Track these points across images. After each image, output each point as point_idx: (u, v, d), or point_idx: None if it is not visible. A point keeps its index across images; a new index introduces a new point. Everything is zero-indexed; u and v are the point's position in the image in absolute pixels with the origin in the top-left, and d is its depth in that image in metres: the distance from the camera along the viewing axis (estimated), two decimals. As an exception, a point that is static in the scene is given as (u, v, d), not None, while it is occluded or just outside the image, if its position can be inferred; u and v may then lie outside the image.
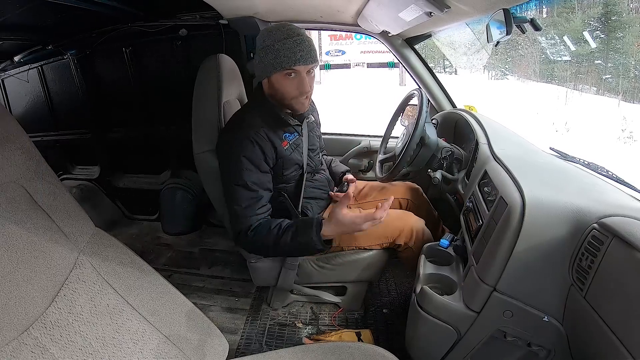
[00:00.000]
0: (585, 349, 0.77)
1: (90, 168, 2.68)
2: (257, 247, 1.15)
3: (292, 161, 1.22)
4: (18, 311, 0.76)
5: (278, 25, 1.10)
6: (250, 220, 1.12)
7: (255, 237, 1.11)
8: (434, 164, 1.40)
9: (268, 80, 1.13)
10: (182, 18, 2.00)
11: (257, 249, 1.19)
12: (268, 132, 1.15)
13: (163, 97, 2.28)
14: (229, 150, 1.15)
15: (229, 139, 1.17)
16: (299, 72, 1.08)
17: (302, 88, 1.10)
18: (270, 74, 1.10)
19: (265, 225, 1.12)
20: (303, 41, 1.05)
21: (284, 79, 1.09)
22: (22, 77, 2.49)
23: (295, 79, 1.09)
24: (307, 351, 0.93)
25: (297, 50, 1.04)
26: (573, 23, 6.07)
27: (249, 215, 1.12)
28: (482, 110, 1.67)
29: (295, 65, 1.05)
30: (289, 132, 1.22)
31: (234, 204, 1.13)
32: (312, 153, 1.35)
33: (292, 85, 1.10)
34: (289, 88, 1.10)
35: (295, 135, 1.24)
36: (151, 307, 0.97)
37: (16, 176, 0.88)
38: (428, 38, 1.80)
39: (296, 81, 1.09)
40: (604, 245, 0.70)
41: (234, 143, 1.13)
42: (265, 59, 1.07)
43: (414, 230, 1.32)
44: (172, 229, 2.37)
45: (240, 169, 1.11)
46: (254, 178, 1.12)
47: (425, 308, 0.98)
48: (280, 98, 1.14)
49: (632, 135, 5.85)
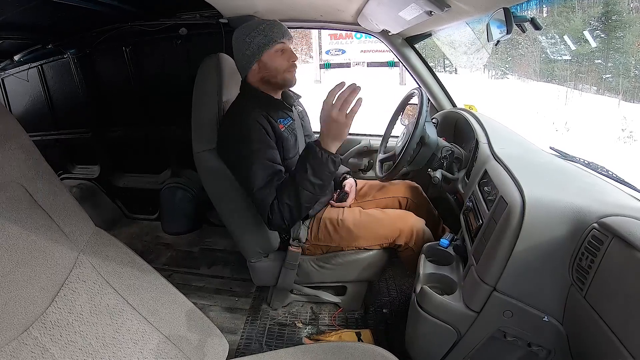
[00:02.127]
0: (585, 349, 0.77)
1: (90, 167, 2.68)
2: (286, 210, 1.11)
3: (291, 144, 1.26)
4: (18, 311, 0.76)
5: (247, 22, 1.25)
6: (270, 196, 1.12)
7: (279, 203, 1.11)
8: (434, 163, 1.40)
9: (258, 63, 1.22)
10: (182, 17, 2.00)
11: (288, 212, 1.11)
12: (265, 114, 1.20)
13: (163, 96, 2.27)
14: (235, 137, 1.17)
15: (232, 127, 1.20)
16: (286, 45, 1.23)
17: (292, 57, 1.24)
18: (261, 54, 1.20)
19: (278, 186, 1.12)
20: (276, 22, 1.23)
21: (275, 55, 1.22)
22: (22, 76, 2.49)
23: (285, 53, 1.23)
24: (307, 351, 0.93)
25: (278, 28, 1.21)
26: (573, 22, 6.06)
27: (268, 192, 1.12)
28: (482, 110, 1.67)
29: (284, 38, 1.22)
30: (283, 117, 1.28)
31: (251, 187, 1.13)
32: (308, 139, 1.39)
33: (283, 58, 1.22)
34: (281, 61, 1.22)
35: (290, 120, 1.30)
36: (151, 306, 0.97)
37: (16, 175, 0.88)
38: (428, 37, 1.80)
39: (286, 54, 1.23)
40: (604, 245, 0.69)
41: (239, 129, 1.17)
42: (252, 43, 1.19)
43: (414, 230, 1.32)
44: (172, 228, 2.38)
45: (251, 151, 1.14)
46: (267, 155, 1.15)
47: (425, 308, 0.98)
48: (274, 75, 1.23)
49: (632, 135, 5.84)
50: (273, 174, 1.14)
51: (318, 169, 1.06)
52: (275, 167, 1.16)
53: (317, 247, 1.39)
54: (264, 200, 1.12)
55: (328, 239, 1.36)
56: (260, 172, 1.13)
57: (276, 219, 1.13)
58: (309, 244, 1.38)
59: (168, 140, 2.38)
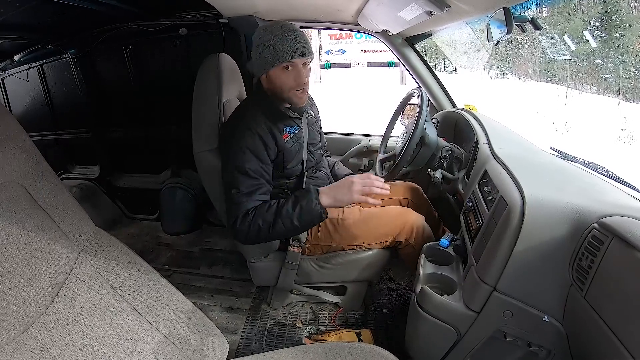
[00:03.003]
0: (585, 349, 0.77)
1: (90, 167, 2.68)
2: (255, 228, 1.10)
3: (293, 154, 1.24)
4: (18, 311, 0.76)
5: (273, 22, 1.13)
6: (248, 204, 1.11)
7: (254, 217, 1.09)
8: (434, 164, 1.40)
9: (266, 76, 1.16)
10: (182, 17, 2.00)
11: (255, 231, 1.10)
12: (269, 124, 1.17)
13: (163, 96, 2.27)
14: (230, 141, 1.16)
15: (231, 130, 1.19)
16: (295, 65, 1.12)
17: (299, 80, 1.14)
18: (268, 69, 1.13)
19: (264, 204, 1.12)
20: (298, 35, 1.10)
21: (282, 72, 1.13)
22: (22, 76, 2.49)
23: (292, 72, 1.13)
24: (307, 351, 0.93)
25: (292, 44, 1.09)
26: (573, 22, 6.06)
27: (249, 200, 1.11)
28: (482, 110, 1.67)
29: (292, 59, 1.10)
30: (290, 125, 1.24)
31: (233, 189, 1.12)
32: (313, 148, 1.36)
33: (289, 77, 1.13)
34: (287, 80, 1.14)
35: (296, 129, 1.26)
36: (151, 306, 0.97)
37: (16, 175, 0.88)
38: (428, 37, 1.80)
39: (293, 73, 1.13)
40: (604, 245, 0.69)
41: (235, 134, 1.15)
42: (262, 54, 1.11)
43: (414, 226, 1.33)
44: (172, 228, 2.38)
45: (241, 158, 1.12)
46: (255, 167, 1.14)
47: (425, 308, 0.98)
48: (278, 91, 1.17)
49: (632, 135, 5.84)
50: (257, 185, 1.13)
51: (305, 215, 1.09)
52: (260, 180, 1.15)
53: (317, 247, 1.39)
54: (240, 205, 1.11)
55: (328, 238, 1.36)
56: (245, 180, 1.12)
57: (241, 229, 1.10)
58: (309, 244, 1.38)
59: (168, 140, 2.38)
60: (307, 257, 1.40)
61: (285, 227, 1.09)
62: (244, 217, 1.10)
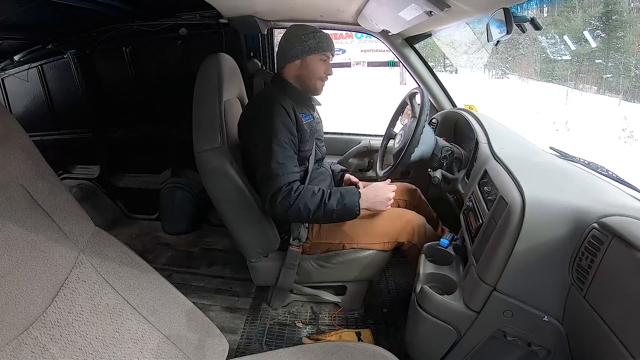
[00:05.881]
0: (585, 349, 0.77)
1: (90, 167, 2.68)
2: (295, 209, 1.17)
3: (307, 137, 1.30)
4: (18, 311, 0.76)
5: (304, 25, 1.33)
6: (287, 177, 1.19)
7: (298, 199, 1.17)
8: (434, 163, 1.40)
9: (301, 61, 1.30)
10: (182, 17, 2.00)
11: (295, 212, 1.18)
12: (292, 104, 1.28)
13: (163, 96, 2.27)
14: (258, 118, 1.24)
15: (256, 111, 1.29)
16: (328, 59, 1.33)
17: (328, 72, 1.34)
18: (307, 55, 1.29)
19: (309, 189, 1.20)
20: (330, 37, 1.32)
21: (318, 61, 1.31)
22: (22, 76, 2.49)
23: (325, 64, 1.33)
24: (307, 351, 0.93)
25: (330, 41, 1.31)
26: (573, 22, 6.06)
27: (287, 172, 1.19)
28: (482, 110, 1.67)
29: (331, 52, 1.32)
30: (306, 113, 1.34)
31: (271, 162, 1.18)
32: (319, 142, 1.43)
33: (322, 67, 1.32)
34: (319, 69, 1.32)
35: (311, 118, 1.36)
36: (151, 306, 0.97)
37: (16, 176, 0.88)
38: (428, 37, 1.80)
39: (325, 65, 1.33)
40: (604, 245, 0.69)
41: (267, 109, 1.24)
42: (307, 42, 1.28)
43: (415, 227, 1.33)
44: (172, 228, 2.38)
45: (275, 130, 1.20)
46: (287, 139, 1.22)
47: (425, 308, 0.98)
48: (309, 77, 1.32)
49: (632, 135, 5.83)
50: (291, 157, 1.22)
51: (343, 213, 1.22)
52: (293, 151, 1.24)
53: (317, 246, 1.39)
54: (278, 178, 1.17)
55: (330, 237, 1.36)
56: (280, 151, 1.19)
57: (283, 205, 1.17)
58: (310, 243, 1.38)
59: (168, 140, 2.38)
60: (307, 256, 1.40)
61: (324, 217, 1.21)
62: (287, 194, 1.17)
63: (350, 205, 1.21)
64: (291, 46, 1.29)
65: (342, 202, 1.20)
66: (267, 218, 1.31)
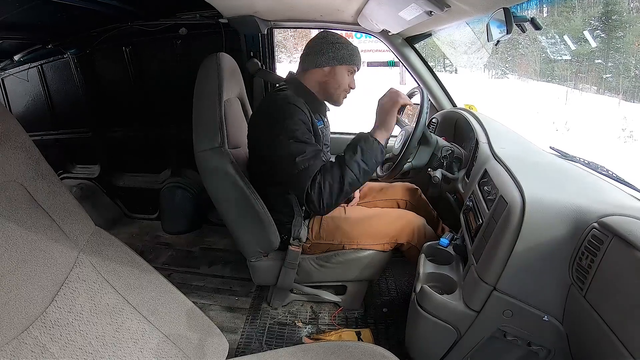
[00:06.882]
0: (585, 349, 0.77)
1: (90, 167, 2.68)
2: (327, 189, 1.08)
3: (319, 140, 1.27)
4: (18, 310, 0.76)
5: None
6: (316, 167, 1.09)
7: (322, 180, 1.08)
8: (433, 163, 1.40)
9: (331, 69, 1.29)
10: (182, 17, 2.00)
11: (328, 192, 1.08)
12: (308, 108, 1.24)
13: (163, 96, 2.27)
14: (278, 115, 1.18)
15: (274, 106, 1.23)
16: (354, 73, 1.34)
17: (352, 84, 1.34)
18: (338, 64, 1.28)
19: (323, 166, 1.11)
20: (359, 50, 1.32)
21: (346, 73, 1.31)
22: (22, 76, 2.49)
23: (351, 77, 1.33)
24: (306, 350, 0.93)
25: (360, 56, 1.32)
26: (573, 22, 6.06)
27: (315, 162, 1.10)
28: (482, 109, 1.67)
29: (359, 66, 1.32)
30: (318, 119, 1.34)
31: (300, 157, 1.09)
32: (325, 148, 1.41)
33: (347, 80, 1.32)
34: (345, 81, 1.31)
35: (322, 124, 1.36)
36: (151, 306, 0.97)
37: (16, 175, 0.88)
38: (428, 37, 1.80)
39: (351, 78, 1.33)
40: (604, 244, 0.69)
41: (278, 110, 1.19)
42: (340, 51, 1.27)
43: (414, 228, 1.33)
44: (172, 228, 2.38)
45: (297, 128, 1.14)
46: (307, 135, 1.16)
47: (425, 307, 0.98)
48: (333, 86, 1.31)
49: (632, 135, 5.84)
50: (318, 150, 1.14)
51: (368, 154, 1.10)
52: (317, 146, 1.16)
53: (317, 246, 1.39)
54: (309, 170, 1.08)
55: (330, 237, 1.36)
56: (302, 145, 1.12)
57: (314, 195, 1.08)
58: (310, 242, 1.38)
59: (168, 140, 2.38)
60: (307, 256, 1.40)
61: (354, 172, 1.09)
62: (312, 184, 1.08)
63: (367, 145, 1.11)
64: (323, 52, 1.27)
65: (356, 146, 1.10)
66: (267, 218, 1.30)
